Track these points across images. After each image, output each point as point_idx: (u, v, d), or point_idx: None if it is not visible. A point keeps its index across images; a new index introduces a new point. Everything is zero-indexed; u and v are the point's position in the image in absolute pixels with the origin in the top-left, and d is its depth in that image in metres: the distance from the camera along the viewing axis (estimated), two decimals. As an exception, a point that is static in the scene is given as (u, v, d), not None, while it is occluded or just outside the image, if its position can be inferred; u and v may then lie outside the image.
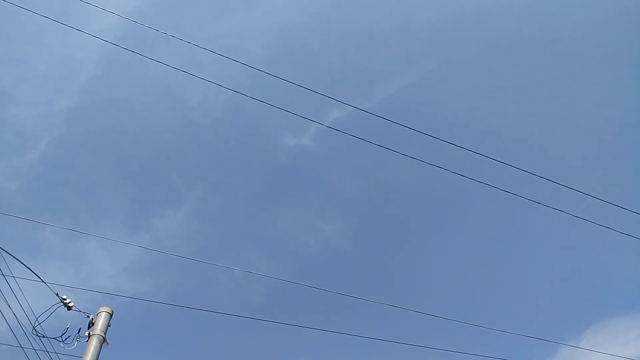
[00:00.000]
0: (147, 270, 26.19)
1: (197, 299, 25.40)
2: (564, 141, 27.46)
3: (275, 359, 25.85)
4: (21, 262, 8.49)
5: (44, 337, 8.36)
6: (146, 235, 26.09)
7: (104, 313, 8.67)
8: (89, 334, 8.42)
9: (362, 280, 27.85)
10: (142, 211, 26.77)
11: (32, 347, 8.46)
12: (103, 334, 8.47)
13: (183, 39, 11.41)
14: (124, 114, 25.50)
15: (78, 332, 8.43)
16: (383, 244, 29.30)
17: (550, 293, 28.35)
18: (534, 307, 27.98)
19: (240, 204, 28.10)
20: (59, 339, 8.36)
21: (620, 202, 11.24)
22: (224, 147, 27.41)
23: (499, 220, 28.13)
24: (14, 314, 8.68)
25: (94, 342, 8.31)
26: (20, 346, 8.69)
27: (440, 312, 12.64)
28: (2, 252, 8.67)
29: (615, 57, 25.53)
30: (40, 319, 8.42)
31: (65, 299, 8.53)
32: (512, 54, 26.66)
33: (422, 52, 27.05)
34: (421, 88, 27.23)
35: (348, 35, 26.57)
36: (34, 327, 8.35)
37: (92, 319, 8.57)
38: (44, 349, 8.55)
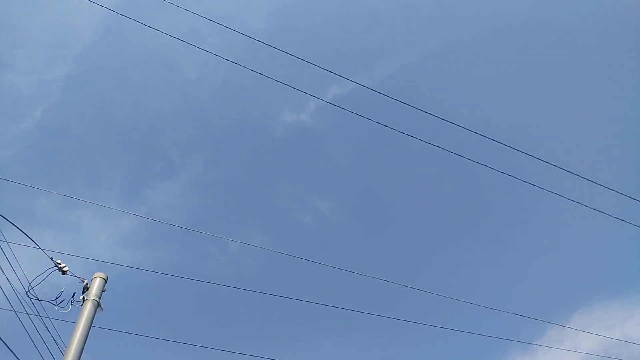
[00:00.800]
0: (142, 241, 26.28)
1: (191, 271, 25.53)
2: (566, 125, 27.46)
3: (269, 331, 26.15)
4: (16, 227, 8.48)
5: (38, 300, 8.39)
6: (142, 207, 26.10)
7: (98, 278, 8.70)
8: (84, 298, 8.46)
9: (356, 256, 28.05)
10: (138, 182, 26.75)
11: (25, 312, 8.50)
12: (97, 299, 8.51)
13: (182, 7, 11.23)
14: (121, 83, 25.29)
15: (72, 296, 8.47)
16: (379, 222, 29.45)
17: (538, 276, 28.69)
18: (523, 289, 28.33)
19: (237, 179, 28.13)
20: (53, 302, 8.40)
21: (612, 185, 11.31)
22: (221, 120, 27.30)
23: (494, 202, 28.29)
24: (8, 279, 8.70)
25: (88, 307, 8.35)
26: (14, 310, 8.73)
27: (432, 288, 12.77)
28: (-3, 216, 8.65)
29: (625, 39, 25.37)
30: (34, 283, 8.45)
31: (59, 263, 8.54)
32: (516, 34, 26.47)
33: (424, 30, 26.82)
34: (423, 67, 27.07)
35: (350, 11, 26.28)
36: (27, 291, 8.38)
37: (87, 283, 8.61)
38: (38, 314, 8.60)
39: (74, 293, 8.48)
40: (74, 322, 8.41)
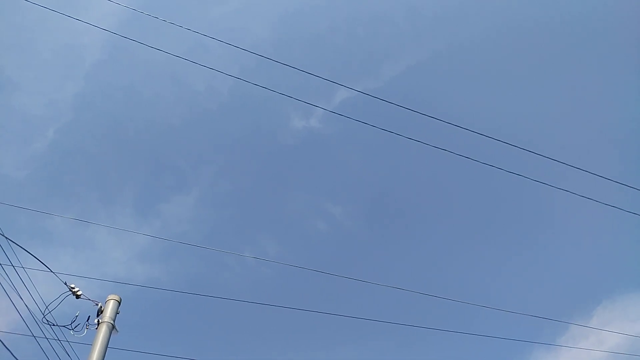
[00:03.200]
0: (158, 256, 26.44)
1: (208, 284, 25.67)
2: (574, 122, 27.08)
3: (287, 343, 26.13)
4: (30, 254, 8.56)
5: (54, 325, 8.46)
6: (156, 221, 26.27)
7: (112, 301, 8.75)
8: (98, 321, 8.51)
9: (371, 262, 27.93)
10: (151, 197, 26.93)
11: (43, 336, 8.57)
12: (112, 321, 8.55)
13: (188, 20, 11.27)
14: (130, 99, 25.50)
15: (87, 320, 8.53)
16: (393, 226, 29.30)
17: (560, 271, 28.31)
18: (543, 286, 27.98)
19: (249, 188, 28.17)
20: (69, 326, 8.46)
21: (627, 181, 11.12)
22: (231, 131, 27.37)
23: (508, 202, 27.98)
24: (25, 304, 8.78)
25: (103, 330, 8.40)
26: (32, 335, 8.80)
27: (450, 294, 12.64)
28: (13, 244, 8.74)
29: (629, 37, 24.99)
30: (49, 308, 8.51)
31: (73, 288, 8.60)
32: (523, 33, 26.20)
33: (430, 30, 26.67)
34: (429, 67, 26.92)
35: (355, 14, 26.24)
36: (44, 316, 8.46)
37: (101, 306, 8.65)
38: (55, 337, 8.66)
39: (89, 317, 8.55)
40: (90, 344, 8.47)
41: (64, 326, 8.45)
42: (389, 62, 26.88)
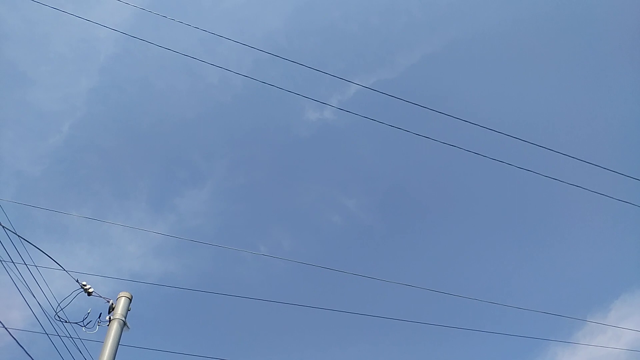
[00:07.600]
0: (173, 250, 26.60)
1: (223, 278, 25.79)
2: (590, 117, 26.52)
3: (301, 339, 26.17)
4: (43, 252, 8.59)
5: (66, 322, 8.50)
6: (170, 215, 26.40)
7: (123, 298, 8.77)
8: (110, 318, 8.54)
9: (386, 256, 27.79)
10: (166, 191, 27.04)
11: (56, 334, 8.62)
12: (123, 318, 8.58)
13: (201, 11, 11.19)
14: (144, 93, 25.56)
15: (99, 317, 8.57)
16: (408, 220, 29.08)
17: (577, 265, 27.88)
18: (560, 280, 27.59)
19: (263, 181, 28.16)
20: (81, 323, 8.50)
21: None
22: (245, 123, 27.33)
23: (524, 198, 27.55)
24: (38, 302, 8.84)
25: (114, 327, 8.43)
26: (45, 332, 8.85)
27: (465, 292, 12.47)
28: (27, 242, 8.77)
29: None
30: (61, 305, 8.56)
31: (85, 285, 8.63)
32: (541, 23, 25.64)
33: (445, 18, 26.24)
34: (445, 57, 26.52)
35: (369, 3, 25.93)
36: (56, 313, 8.50)
37: (112, 303, 8.68)
38: (68, 335, 8.70)
39: (100, 314, 8.58)
40: (101, 342, 8.50)
41: (75, 323, 8.50)
42: (403, 51, 26.56)
